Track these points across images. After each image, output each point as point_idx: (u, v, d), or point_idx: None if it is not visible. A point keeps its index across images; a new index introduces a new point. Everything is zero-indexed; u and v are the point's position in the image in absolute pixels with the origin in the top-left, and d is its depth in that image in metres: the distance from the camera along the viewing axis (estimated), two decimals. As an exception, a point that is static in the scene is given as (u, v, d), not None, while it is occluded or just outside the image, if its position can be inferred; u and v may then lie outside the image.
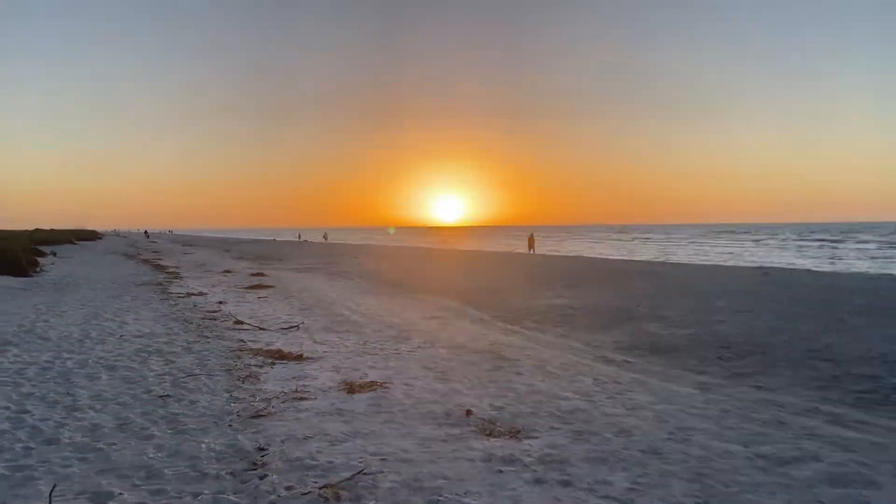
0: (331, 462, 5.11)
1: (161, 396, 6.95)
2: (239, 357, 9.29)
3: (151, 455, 5.16)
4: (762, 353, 10.26)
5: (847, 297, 16.84)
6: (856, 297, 16.64)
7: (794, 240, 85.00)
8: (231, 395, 7.12)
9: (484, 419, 6.51)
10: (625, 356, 10.29)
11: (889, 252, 54.20)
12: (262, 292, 19.22)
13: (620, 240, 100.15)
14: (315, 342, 10.82)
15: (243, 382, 7.74)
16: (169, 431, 5.81)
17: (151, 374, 8.08)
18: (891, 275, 27.40)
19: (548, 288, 20.40)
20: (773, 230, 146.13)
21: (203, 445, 5.41)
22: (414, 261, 38.17)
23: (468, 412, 6.70)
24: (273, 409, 6.59)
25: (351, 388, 7.52)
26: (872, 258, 46.70)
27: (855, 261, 44.82)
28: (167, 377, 7.89)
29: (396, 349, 10.32)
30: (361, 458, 5.25)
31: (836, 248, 63.42)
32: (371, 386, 7.70)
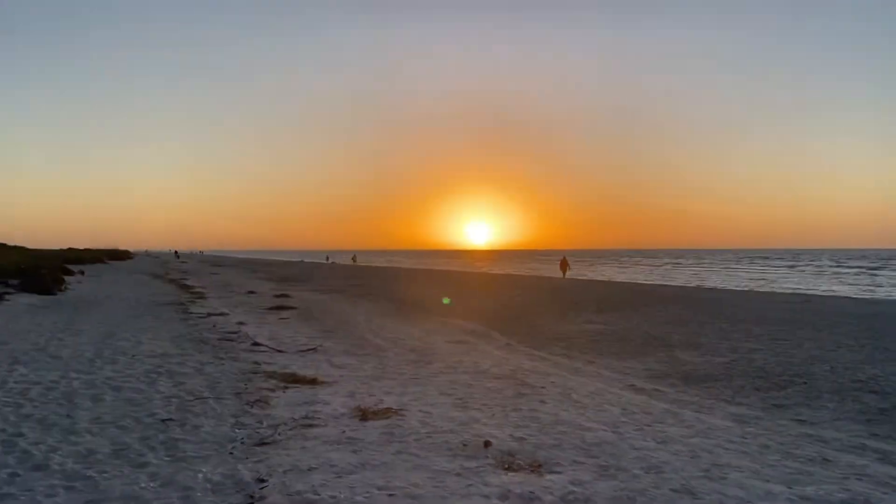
0: (334, 497, 4.71)
1: (164, 420, 6.63)
2: (251, 380, 8.96)
3: (143, 485, 4.82)
4: (803, 383, 9.65)
5: (891, 325, 16.05)
6: (900, 326, 15.86)
7: (832, 266, 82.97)
8: (237, 421, 6.77)
9: (503, 451, 6.07)
10: (656, 385, 9.76)
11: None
12: (284, 314, 18.99)
13: (650, 265, 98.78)
14: (332, 366, 10.47)
15: (252, 407, 7.39)
16: (166, 459, 5.47)
17: (158, 396, 7.78)
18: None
19: (576, 313, 19.87)
20: (810, 256, 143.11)
21: (200, 475, 5.06)
22: (441, 284, 37.82)
23: (487, 443, 6.26)
24: (279, 437, 6.22)
25: (364, 415, 7.13)
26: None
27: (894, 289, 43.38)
28: (174, 400, 7.58)
29: (416, 374, 9.92)
30: (368, 492, 4.84)
31: (876, 275, 61.65)
32: (386, 413, 7.30)
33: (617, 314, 19.29)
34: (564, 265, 50.12)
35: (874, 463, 6.09)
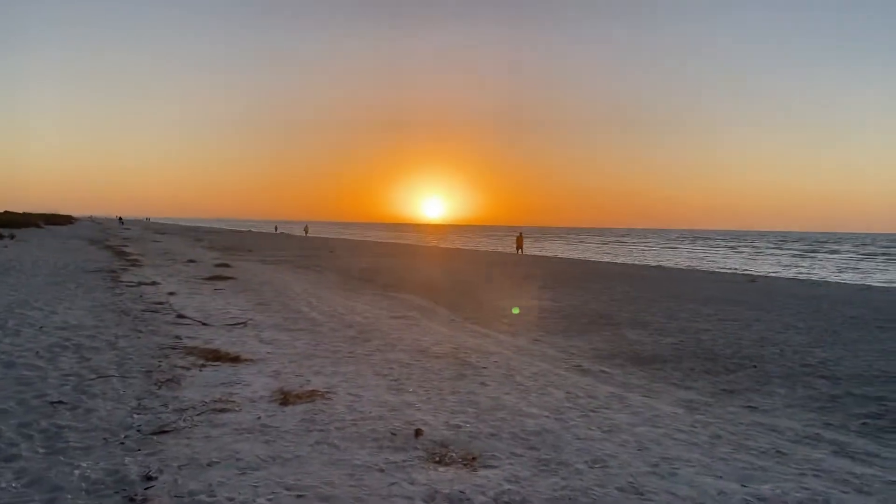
0: (231, 499, 4.06)
1: (53, 403, 5.84)
2: (167, 357, 8.18)
3: (2, 485, 4.07)
4: (753, 366, 9.33)
5: (838, 307, 16.02)
6: (846, 308, 15.83)
7: (771, 249, 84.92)
8: (139, 404, 6.03)
9: (435, 441, 5.49)
10: (602, 366, 9.31)
11: (865, 264, 53.94)
12: (220, 284, 18.07)
13: (596, 242, 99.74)
14: (261, 341, 9.74)
15: (160, 388, 6.64)
16: (42, 451, 4.72)
17: (56, 374, 6.96)
18: (881, 286, 26.79)
19: (525, 289, 19.43)
20: (749, 238, 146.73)
21: (77, 472, 4.34)
22: (391, 257, 37.07)
23: (418, 432, 5.68)
24: (183, 424, 5.51)
25: (286, 399, 6.46)
26: (854, 269, 46.31)
27: (836, 272, 44.41)
28: (72, 379, 6.77)
29: (351, 352, 9.27)
30: (273, 493, 4.20)
31: (814, 257, 63.23)
32: (310, 396, 6.64)
33: (565, 291, 18.92)
34: (520, 241, 49.02)
35: (830, 456, 5.71)
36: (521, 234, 52.23)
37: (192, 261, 27.38)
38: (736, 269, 41.74)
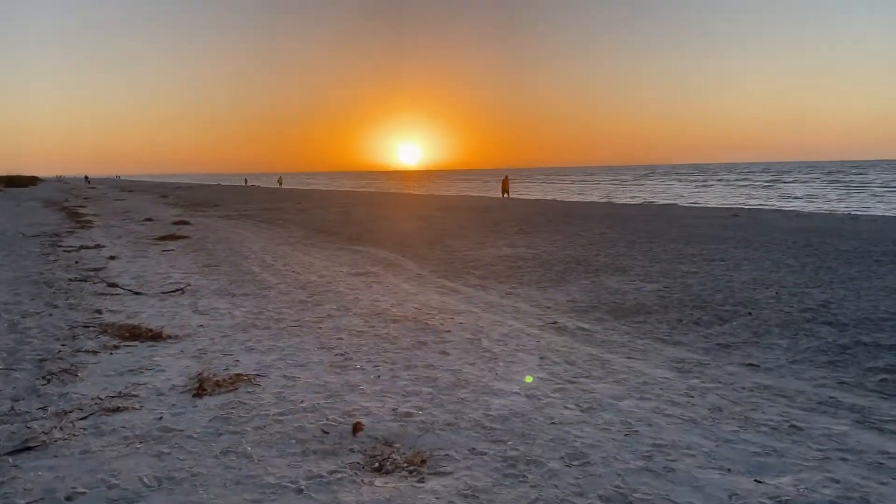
0: (79, 558, 2.98)
1: None
2: (76, 338, 7.03)
3: None
4: (748, 313, 8.37)
5: (828, 240, 15.15)
6: (837, 241, 14.96)
7: (737, 180, 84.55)
8: (12, 408, 4.90)
9: (378, 438, 4.45)
10: (580, 321, 8.30)
11: (835, 190, 53.58)
12: (172, 244, 16.80)
13: (565, 182, 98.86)
14: (196, 311, 8.60)
15: (48, 382, 5.51)
16: None
17: (-75, 370, 5.78)
18: (866, 216, 26.04)
19: (499, 235, 18.35)
20: (713, 171, 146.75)
21: None
22: (363, 206, 35.76)
23: (357, 427, 4.63)
24: (58, 435, 4.40)
25: (201, 388, 5.37)
26: (826, 198, 45.80)
27: (813, 201, 43.88)
28: (-60, 376, 5.61)
29: (297, 320, 8.17)
30: (143, 540, 3.13)
31: (780, 188, 62.75)
32: (234, 382, 5.55)
33: (539, 236, 17.87)
34: (506, 185, 46.23)
35: (854, 429, 4.75)
36: (506, 176, 49.12)
37: (149, 219, 25.95)
38: (711, 203, 41.02)
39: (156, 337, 7.02)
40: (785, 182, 74.30)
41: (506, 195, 45.58)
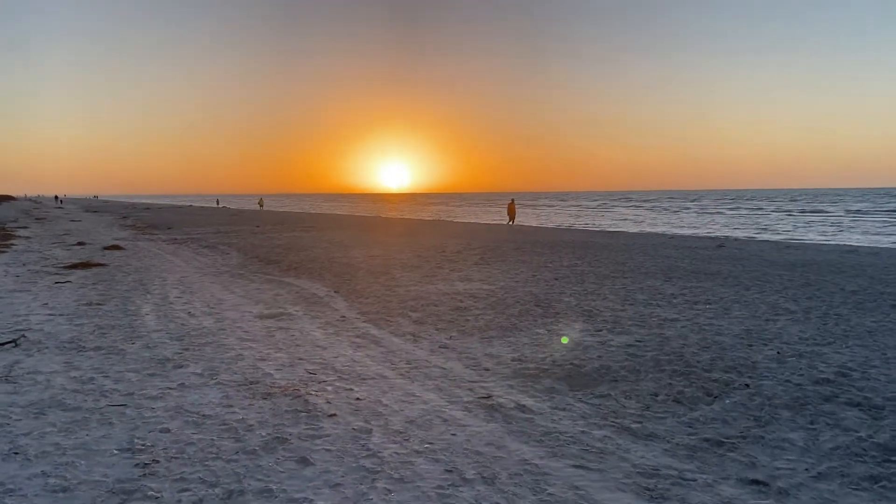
0: None
1: None
2: None
3: None
4: (745, 385, 6.28)
5: (829, 278, 13.17)
6: (840, 279, 12.97)
7: (719, 208, 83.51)
8: None
9: None
10: (524, 393, 6.18)
11: (811, 218, 52.26)
12: (79, 273, 14.61)
13: (555, 207, 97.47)
14: (6, 380, 6.37)
15: None
16: None
17: None
18: (866, 248, 24.16)
19: (455, 266, 16.22)
20: (690, 197, 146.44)
21: None
22: (323, 231, 33.48)
23: None
24: None
25: None
26: (812, 225, 44.30)
27: (800, 230, 42.34)
28: None
29: (130, 394, 6.00)
30: None
31: (760, 214, 61.45)
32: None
33: (501, 267, 15.75)
34: (512, 210, 40.97)
35: None
36: (512, 200, 43.80)
37: (82, 243, 23.65)
38: (691, 231, 39.31)
39: None
40: (764, 211, 73.15)
41: (511, 222, 40.89)
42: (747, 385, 6.31)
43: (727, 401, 5.91)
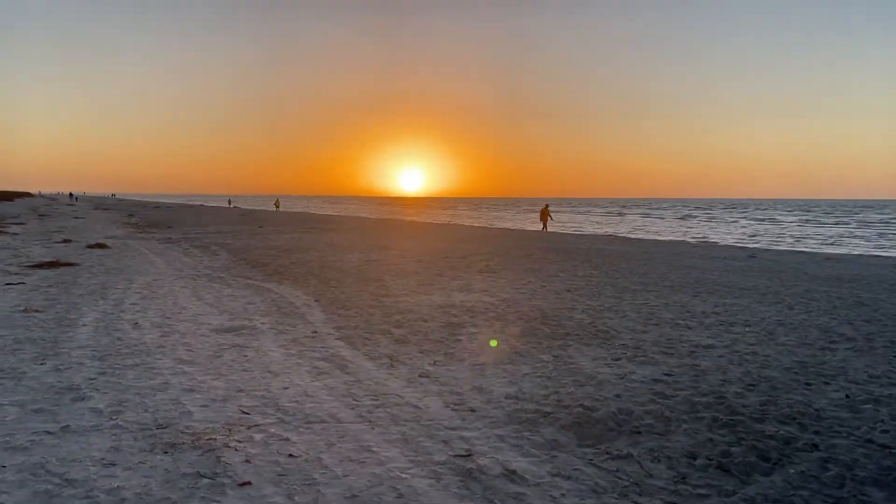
0: None
1: None
2: None
3: None
4: (812, 445, 4.69)
5: (884, 297, 11.47)
6: None
7: (734, 217, 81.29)
8: None
9: None
10: (515, 451, 4.64)
11: (839, 230, 50.20)
12: (38, 274, 13.26)
13: (571, 212, 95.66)
14: None
15: None
16: None
17: None
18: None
19: (457, 273, 14.67)
20: (705, 204, 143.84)
21: None
22: (326, 232, 32.03)
23: None
24: None
25: None
26: (830, 236, 42.28)
27: (824, 241, 40.41)
28: None
29: (0, 438, 4.50)
30: None
31: (779, 224, 59.38)
32: None
33: (507, 276, 14.19)
34: (545, 215, 38.56)
35: None
36: (546, 205, 40.62)
37: (67, 240, 22.46)
38: (714, 240, 37.47)
39: None
40: (783, 220, 70.92)
41: (544, 227, 38.54)
42: (815, 445, 4.72)
43: (791, 470, 4.33)
